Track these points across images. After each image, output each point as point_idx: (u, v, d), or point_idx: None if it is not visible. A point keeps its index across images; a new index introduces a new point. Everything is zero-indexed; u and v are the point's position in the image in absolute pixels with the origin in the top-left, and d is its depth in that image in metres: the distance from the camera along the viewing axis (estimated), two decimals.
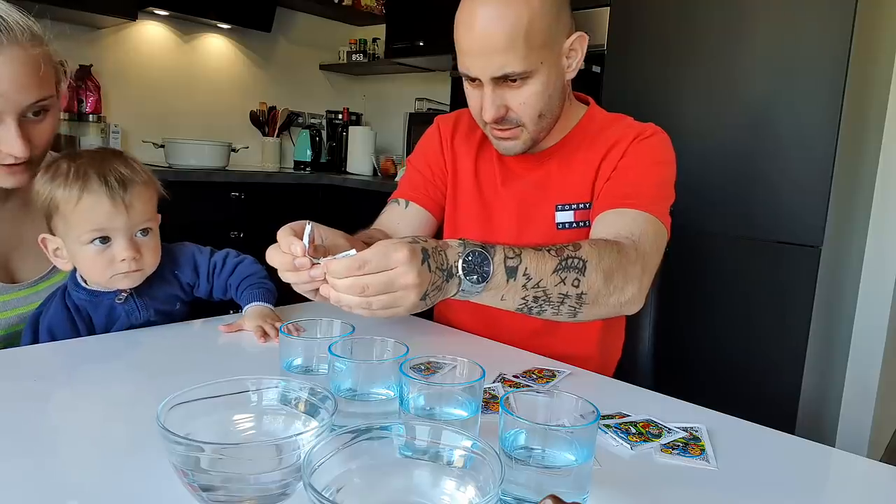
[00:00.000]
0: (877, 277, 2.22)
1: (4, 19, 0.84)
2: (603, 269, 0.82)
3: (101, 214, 0.91)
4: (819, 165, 1.78)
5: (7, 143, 0.87)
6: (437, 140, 1.19)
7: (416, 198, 1.17)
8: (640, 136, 1.03)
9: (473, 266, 0.73)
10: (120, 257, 0.93)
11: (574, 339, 1.09)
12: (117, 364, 0.87)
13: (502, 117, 0.98)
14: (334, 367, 0.65)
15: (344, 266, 0.66)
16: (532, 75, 0.94)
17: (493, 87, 0.95)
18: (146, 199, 0.96)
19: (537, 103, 0.97)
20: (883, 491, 0.63)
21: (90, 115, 2.86)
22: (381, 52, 3.59)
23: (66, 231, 0.93)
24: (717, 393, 1.89)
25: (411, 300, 0.68)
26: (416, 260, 0.67)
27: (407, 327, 1.09)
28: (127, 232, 0.93)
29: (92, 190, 0.91)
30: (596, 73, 2.30)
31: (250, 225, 2.93)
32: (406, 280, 0.66)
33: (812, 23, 1.78)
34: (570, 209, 1.06)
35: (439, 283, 0.71)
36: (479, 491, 0.47)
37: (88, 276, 0.96)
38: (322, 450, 0.46)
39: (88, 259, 0.93)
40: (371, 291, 0.66)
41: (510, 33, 0.90)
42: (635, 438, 0.68)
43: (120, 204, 0.92)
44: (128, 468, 0.58)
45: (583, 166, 1.06)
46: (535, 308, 0.81)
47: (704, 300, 2.00)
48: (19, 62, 0.84)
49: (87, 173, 0.91)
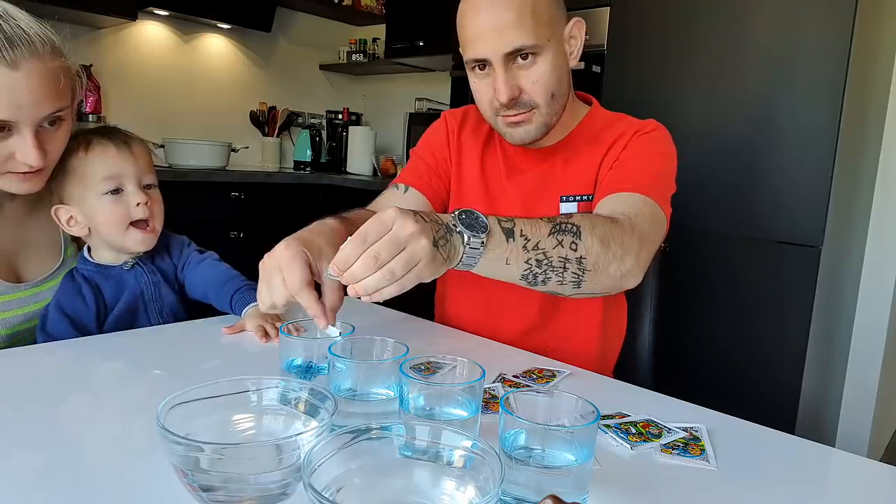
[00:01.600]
0: (877, 277, 2.22)
1: (26, 32, 0.84)
2: (598, 236, 0.82)
3: (111, 160, 0.99)
4: (819, 165, 1.78)
5: (23, 153, 0.88)
6: (444, 133, 1.20)
7: (417, 185, 1.16)
8: (641, 130, 1.05)
9: (469, 221, 0.73)
10: (134, 202, 1.00)
11: (573, 335, 1.10)
12: (117, 364, 0.87)
13: (516, 99, 0.98)
14: (334, 367, 0.65)
15: (350, 248, 0.66)
16: (541, 52, 0.96)
17: (504, 69, 0.96)
18: (146, 154, 1.05)
19: (549, 81, 0.98)
20: (883, 491, 0.63)
21: (90, 114, 2.86)
22: (381, 52, 3.59)
23: (82, 190, 0.99)
24: (717, 393, 1.89)
25: (425, 247, 0.66)
26: (408, 212, 0.67)
27: (407, 327, 1.09)
28: (136, 179, 1.01)
29: (98, 143, 1.00)
30: (596, 73, 2.30)
31: (250, 225, 2.93)
32: (408, 229, 0.66)
33: (812, 23, 1.78)
34: (574, 200, 1.07)
35: (442, 233, 0.70)
36: (479, 491, 0.47)
37: (106, 232, 1.01)
38: (322, 450, 0.46)
39: (105, 211, 0.99)
40: (384, 256, 0.65)
41: (518, 8, 0.92)
42: (635, 438, 0.68)
43: (126, 151, 1.01)
44: (128, 468, 0.58)
45: (586, 162, 1.07)
46: (539, 274, 0.80)
47: (704, 300, 2.00)
48: (39, 75, 0.85)
49: (89, 136, 1.02)
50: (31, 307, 1.00)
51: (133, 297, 1.04)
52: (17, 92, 0.83)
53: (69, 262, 1.06)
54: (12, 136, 0.87)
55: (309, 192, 3.21)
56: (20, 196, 1.01)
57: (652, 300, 1.22)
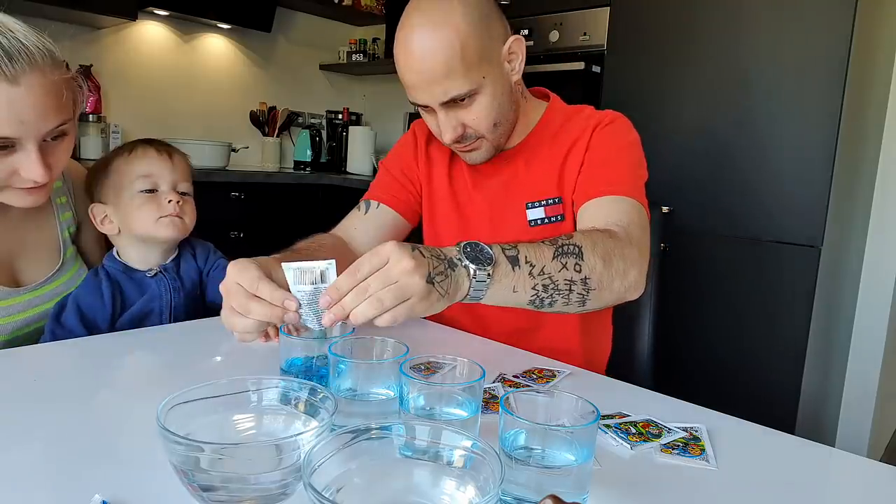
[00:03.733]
0: (877, 277, 2.22)
1: (24, 44, 0.82)
2: (599, 254, 0.83)
3: (150, 161, 1.05)
4: (819, 165, 1.78)
5: (27, 169, 0.86)
6: (413, 146, 1.21)
7: (385, 199, 1.18)
8: (601, 124, 1.06)
9: (474, 254, 0.73)
10: (166, 199, 1.04)
11: (556, 335, 1.10)
12: (117, 364, 0.87)
13: (461, 136, 1.01)
14: (335, 368, 0.65)
15: (343, 279, 0.67)
16: (478, 91, 0.98)
17: (445, 112, 0.99)
18: (185, 165, 1.10)
19: (489, 115, 1.00)
20: (883, 491, 0.63)
21: (90, 115, 2.86)
22: (381, 52, 3.59)
23: (118, 188, 1.04)
24: (717, 393, 1.89)
25: (417, 283, 0.66)
26: (405, 247, 0.67)
27: (407, 327, 1.09)
28: (171, 183, 1.06)
29: (141, 147, 1.07)
30: (596, 73, 2.31)
31: (250, 225, 2.93)
32: (402, 266, 0.65)
33: (812, 23, 1.78)
34: (539, 206, 1.08)
35: (442, 269, 0.69)
36: (479, 491, 0.47)
37: (137, 225, 1.04)
38: (322, 450, 0.46)
39: (137, 207, 1.03)
40: (374, 289, 0.65)
41: (445, 61, 0.93)
42: (635, 438, 0.68)
43: (165, 157, 1.06)
44: (127, 468, 0.58)
45: (547, 163, 1.08)
46: (546, 298, 0.80)
47: (704, 300, 2.01)
48: (41, 89, 0.83)
49: (137, 142, 1.08)
50: (30, 311, 0.99)
51: (150, 301, 1.05)
52: (19, 108, 0.81)
53: (68, 264, 1.06)
54: (16, 152, 0.85)
55: (309, 192, 3.21)
56: None
57: (652, 300, 1.22)
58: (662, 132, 2.01)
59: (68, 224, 1.08)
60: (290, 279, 0.70)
